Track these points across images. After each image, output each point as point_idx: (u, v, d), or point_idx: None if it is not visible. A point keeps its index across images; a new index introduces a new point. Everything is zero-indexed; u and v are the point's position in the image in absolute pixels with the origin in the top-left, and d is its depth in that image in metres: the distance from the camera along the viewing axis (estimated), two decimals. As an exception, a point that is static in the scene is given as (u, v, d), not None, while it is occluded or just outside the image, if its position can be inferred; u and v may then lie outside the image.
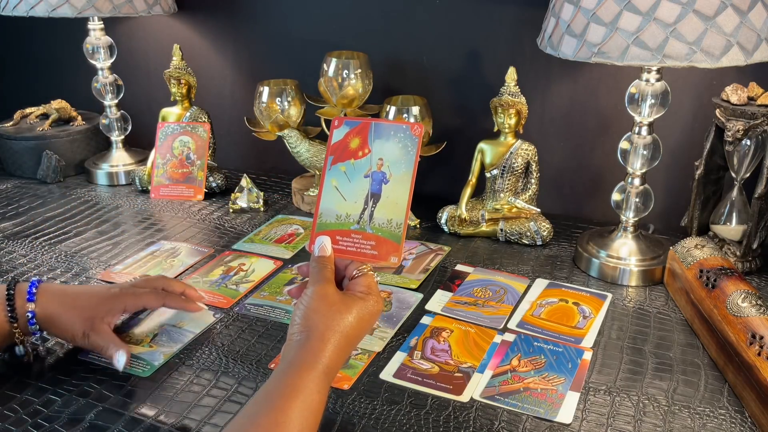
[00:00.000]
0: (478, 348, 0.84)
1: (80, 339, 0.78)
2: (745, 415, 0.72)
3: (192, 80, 1.32)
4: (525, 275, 1.02)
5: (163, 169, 1.33)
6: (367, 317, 0.67)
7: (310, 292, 0.66)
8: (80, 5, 1.22)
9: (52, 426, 0.70)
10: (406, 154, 0.71)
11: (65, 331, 0.78)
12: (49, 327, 0.78)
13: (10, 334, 0.76)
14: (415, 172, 0.70)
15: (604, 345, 0.85)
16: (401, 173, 0.71)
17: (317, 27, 1.35)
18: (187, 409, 0.73)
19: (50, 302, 0.78)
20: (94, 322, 0.78)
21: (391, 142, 0.71)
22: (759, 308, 0.77)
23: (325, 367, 0.62)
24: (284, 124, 1.22)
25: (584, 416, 0.72)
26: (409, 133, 0.71)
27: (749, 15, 0.79)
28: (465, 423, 0.71)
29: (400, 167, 0.71)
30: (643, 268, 0.99)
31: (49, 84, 1.69)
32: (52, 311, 0.77)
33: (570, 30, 0.86)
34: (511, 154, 1.11)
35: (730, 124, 0.95)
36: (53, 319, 0.77)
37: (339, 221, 0.72)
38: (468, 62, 1.25)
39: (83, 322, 0.78)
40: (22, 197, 1.33)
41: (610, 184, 1.08)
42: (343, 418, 0.72)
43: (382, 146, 0.72)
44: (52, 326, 0.78)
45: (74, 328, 0.78)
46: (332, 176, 0.73)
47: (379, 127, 0.72)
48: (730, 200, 1.02)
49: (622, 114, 1.07)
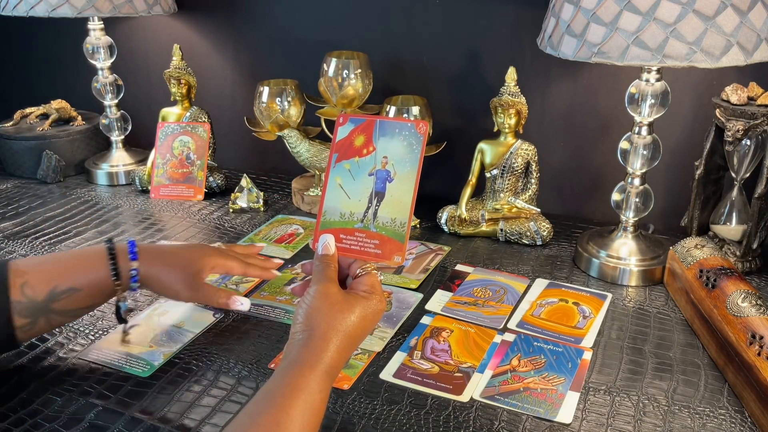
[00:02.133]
0: (478, 348, 0.84)
1: (183, 295, 0.82)
2: (745, 415, 0.72)
3: (192, 80, 1.32)
4: (525, 275, 1.02)
5: (163, 169, 1.33)
6: (369, 317, 0.67)
7: (312, 290, 0.66)
8: (80, 5, 1.22)
9: (52, 426, 0.70)
10: (411, 153, 0.71)
11: (168, 289, 0.81)
12: (152, 284, 0.81)
13: (112, 291, 0.78)
14: (420, 171, 0.70)
15: (604, 345, 0.85)
16: (406, 171, 0.70)
17: (317, 27, 1.35)
18: (187, 409, 0.73)
19: (152, 261, 0.80)
20: (194, 278, 0.82)
21: (396, 140, 0.71)
22: (759, 308, 0.77)
23: (327, 366, 0.62)
24: (284, 124, 1.22)
25: (584, 416, 0.72)
26: (414, 131, 0.71)
27: (749, 15, 0.79)
28: (465, 423, 0.71)
29: (405, 165, 0.70)
30: (643, 268, 0.99)
31: (49, 84, 1.69)
32: (155, 269, 0.80)
33: (570, 30, 0.86)
34: (511, 154, 1.11)
35: (730, 124, 0.95)
36: (156, 277, 0.80)
37: (343, 219, 0.72)
38: (468, 62, 1.25)
39: (185, 279, 0.81)
40: (22, 197, 1.33)
41: (610, 184, 1.08)
42: (343, 418, 0.72)
43: (386, 144, 0.71)
44: (155, 284, 0.81)
45: (176, 286, 0.81)
46: (336, 174, 0.73)
47: (384, 124, 0.72)
48: (730, 200, 1.02)
49: (622, 114, 1.07)
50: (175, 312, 0.91)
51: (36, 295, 0.73)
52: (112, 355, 0.82)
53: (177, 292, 0.81)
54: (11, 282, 0.72)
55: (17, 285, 0.73)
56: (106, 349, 0.83)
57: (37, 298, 0.73)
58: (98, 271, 0.77)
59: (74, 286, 0.75)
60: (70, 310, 0.76)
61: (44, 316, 0.74)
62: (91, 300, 0.77)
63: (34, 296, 0.73)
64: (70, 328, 0.87)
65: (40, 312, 0.74)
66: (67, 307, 0.75)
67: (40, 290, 0.74)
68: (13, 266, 0.74)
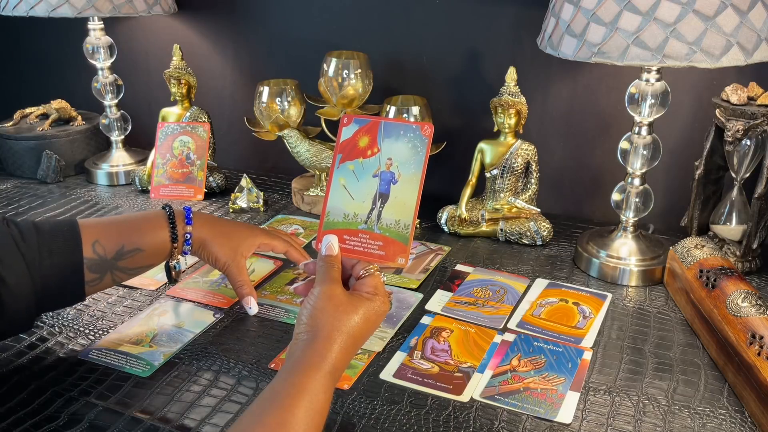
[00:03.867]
0: (478, 348, 0.84)
1: (222, 265, 0.88)
2: (745, 415, 0.72)
3: (192, 80, 1.32)
4: (525, 275, 1.02)
5: (163, 169, 1.33)
6: (373, 318, 0.67)
7: (316, 291, 0.66)
8: (80, 5, 1.22)
9: (52, 426, 0.70)
10: (416, 155, 0.70)
11: (212, 255, 0.88)
12: (200, 250, 0.87)
13: (170, 252, 0.85)
14: (425, 174, 0.70)
15: (604, 345, 0.85)
16: (410, 174, 0.70)
17: (317, 27, 1.35)
18: (187, 409, 0.73)
19: (204, 227, 0.87)
20: (237, 252, 0.88)
21: (401, 142, 0.71)
22: (759, 308, 0.77)
23: (330, 367, 0.62)
24: (284, 124, 1.22)
25: (584, 416, 0.72)
26: (419, 133, 0.71)
27: (749, 15, 0.79)
28: (465, 423, 0.71)
29: (410, 168, 0.70)
30: (643, 268, 0.99)
31: (49, 84, 1.69)
32: (206, 236, 0.87)
33: (570, 30, 0.86)
34: (511, 154, 1.11)
35: (730, 124, 0.95)
36: (205, 244, 0.87)
37: (347, 220, 0.72)
38: (468, 62, 1.25)
39: (228, 251, 0.88)
40: (22, 197, 1.33)
41: (610, 184, 1.08)
42: (343, 418, 0.72)
43: (391, 146, 0.71)
44: (203, 250, 0.87)
45: (220, 255, 0.88)
46: (340, 174, 0.73)
47: (389, 126, 0.72)
48: (730, 200, 1.02)
49: (622, 114, 1.07)
50: (175, 312, 0.91)
51: (106, 253, 0.79)
52: (112, 355, 0.82)
53: (217, 261, 0.88)
54: (84, 239, 0.77)
55: (89, 243, 0.78)
56: (106, 349, 0.83)
57: (107, 256, 0.79)
58: (159, 233, 0.83)
59: (139, 246, 0.81)
60: (133, 269, 0.82)
61: (110, 273, 0.80)
62: (151, 260, 0.84)
63: (104, 254, 0.79)
64: (70, 328, 0.87)
65: (108, 268, 0.79)
66: (131, 265, 0.81)
67: (110, 249, 0.79)
68: (83, 225, 0.79)
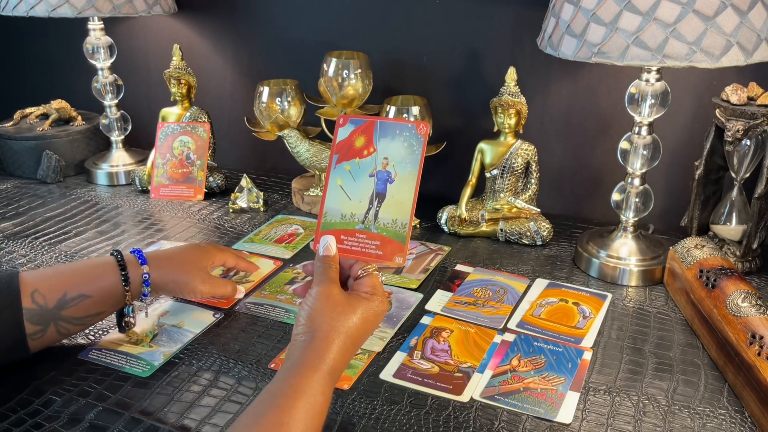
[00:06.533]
0: (478, 348, 0.84)
1: (199, 290, 0.86)
2: (745, 415, 0.72)
3: (192, 80, 1.32)
4: (525, 275, 1.02)
5: (163, 169, 1.33)
6: (371, 318, 0.67)
7: (314, 292, 0.66)
8: (80, 5, 1.22)
9: (52, 426, 0.70)
10: (412, 154, 0.71)
11: (184, 286, 0.85)
12: (167, 286, 0.84)
13: (122, 298, 0.80)
14: (421, 172, 0.70)
15: (604, 345, 0.85)
16: (407, 173, 0.70)
17: (317, 27, 1.35)
18: (187, 409, 0.73)
19: (163, 265, 0.83)
20: (204, 272, 0.87)
21: (397, 141, 0.71)
22: (759, 308, 0.77)
23: (329, 368, 0.62)
24: (284, 124, 1.22)
25: (584, 416, 0.72)
26: (415, 132, 0.71)
27: (749, 15, 0.79)
28: (465, 423, 0.71)
29: (406, 167, 0.71)
30: (643, 268, 0.99)
31: (49, 84, 1.69)
32: (167, 272, 0.83)
33: (570, 30, 0.86)
34: (511, 154, 1.11)
35: (730, 124, 0.95)
36: (172, 279, 0.84)
37: (344, 220, 0.72)
38: (468, 62, 1.25)
39: (197, 275, 0.85)
40: (22, 197, 1.33)
41: (610, 184, 1.08)
42: (343, 418, 0.71)
43: (387, 145, 0.71)
44: (171, 285, 0.84)
45: (192, 282, 0.85)
46: (337, 175, 0.73)
47: (385, 125, 0.72)
48: (730, 200, 1.02)
49: (622, 114, 1.07)
50: (175, 312, 0.91)
51: (46, 302, 0.75)
52: (112, 355, 0.82)
53: (193, 288, 0.85)
54: (22, 290, 0.74)
55: (27, 293, 0.74)
56: (106, 349, 0.83)
57: (48, 305, 0.75)
58: (108, 278, 0.80)
59: (84, 292, 0.77)
60: (80, 318, 0.78)
61: (54, 324, 0.76)
62: (100, 307, 0.79)
63: (44, 303, 0.75)
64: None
65: (50, 319, 0.76)
66: (77, 314, 0.77)
67: (50, 297, 0.76)
68: (23, 276, 0.76)
